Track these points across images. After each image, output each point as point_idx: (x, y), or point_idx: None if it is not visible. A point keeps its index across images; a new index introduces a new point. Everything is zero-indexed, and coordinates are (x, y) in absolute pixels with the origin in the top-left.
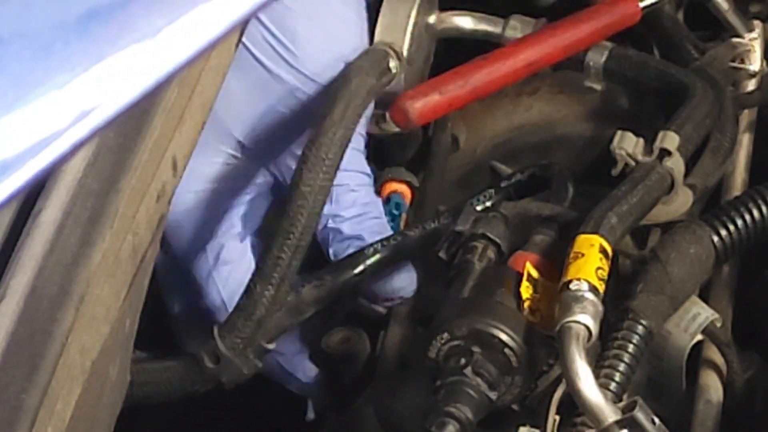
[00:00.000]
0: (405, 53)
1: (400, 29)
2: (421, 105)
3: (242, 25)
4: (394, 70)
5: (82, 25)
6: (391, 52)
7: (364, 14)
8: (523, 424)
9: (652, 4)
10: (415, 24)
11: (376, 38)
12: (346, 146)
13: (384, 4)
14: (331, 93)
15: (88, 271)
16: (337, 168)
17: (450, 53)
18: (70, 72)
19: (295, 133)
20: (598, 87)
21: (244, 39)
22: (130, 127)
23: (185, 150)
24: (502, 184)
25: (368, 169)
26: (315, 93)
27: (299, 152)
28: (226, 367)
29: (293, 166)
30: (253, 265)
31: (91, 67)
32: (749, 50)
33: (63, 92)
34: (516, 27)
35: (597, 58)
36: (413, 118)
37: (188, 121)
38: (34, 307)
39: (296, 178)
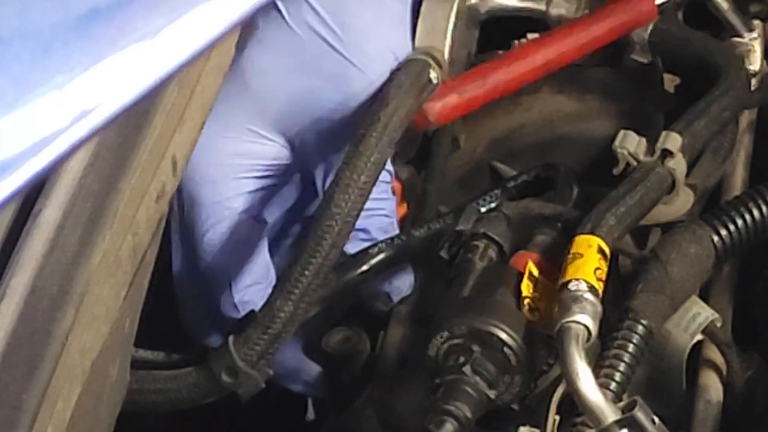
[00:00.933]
0: (446, 56)
1: (440, 33)
2: (441, 106)
3: (242, 25)
4: (435, 81)
5: (81, 25)
6: (432, 63)
7: (409, 7)
8: (523, 424)
9: (667, 2)
10: (456, 23)
11: (417, 42)
12: (381, 169)
13: (423, 5)
14: (369, 113)
15: (88, 271)
16: (371, 191)
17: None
18: (70, 72)
19: (330, 124)
20: (644, 60)
21: (290, 21)
22: (130, 127)
23: (185, 150)
24: (508, 185)
25: (390, 167)
26: (355, 81)
27: (331, 147)
28: (244, 381)
29: (321, 160)
30: (265, 252)
31: (91, 67)
32: (749, 50)
33: (63, 92)
34: (560, 4)
35: (641, 32)
36: (433, 120)
37: (188, 121)
38: (34, 306)
39: (328, 198)
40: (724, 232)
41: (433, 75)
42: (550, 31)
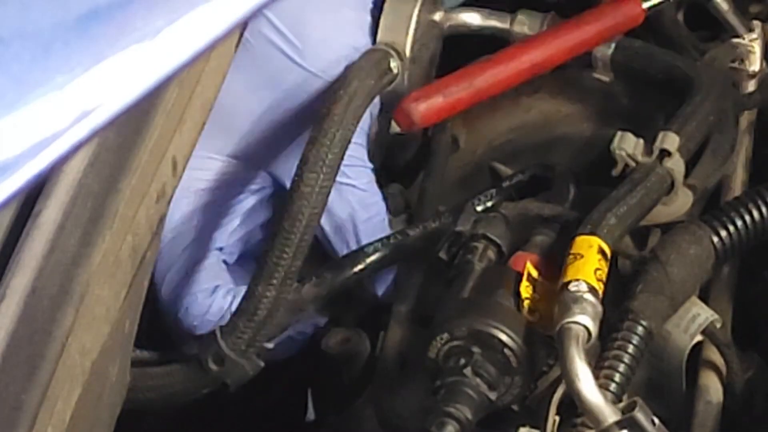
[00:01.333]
0: (407, 52)
1: (402, 28)
2: (425, 107)
3: (242, 26)
4: (395, 70)
5: (82, 25)
6: (392, 52)
7: (369, 12)
8: (523, 425)
9: (655, 5)
10: (418, 23)
11: (379, 38)
12: (347, 147)
13: (386, 3)
14: (330, 94)
15: (88, 271)
16: (338, 168)
17: (456, 52)
18: (70, 72)
19: (298, 133)
20: (606, 79)
21: (248, 37)
22: (130, 127)
23: (185, 150)
24: (504, 185)
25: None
26: (320, 91)
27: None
28: (231, 369)
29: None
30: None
31: (91, 67)
32: (749, 51)
33: (63, 92)
34: (524, 22)
35: (604, 49)
36: (417, 121)
37: (188, 121)
38: (34, 307)
39: (296, 179)
40: (723, 233)
41: (393, 65)
42: (537, 34)
